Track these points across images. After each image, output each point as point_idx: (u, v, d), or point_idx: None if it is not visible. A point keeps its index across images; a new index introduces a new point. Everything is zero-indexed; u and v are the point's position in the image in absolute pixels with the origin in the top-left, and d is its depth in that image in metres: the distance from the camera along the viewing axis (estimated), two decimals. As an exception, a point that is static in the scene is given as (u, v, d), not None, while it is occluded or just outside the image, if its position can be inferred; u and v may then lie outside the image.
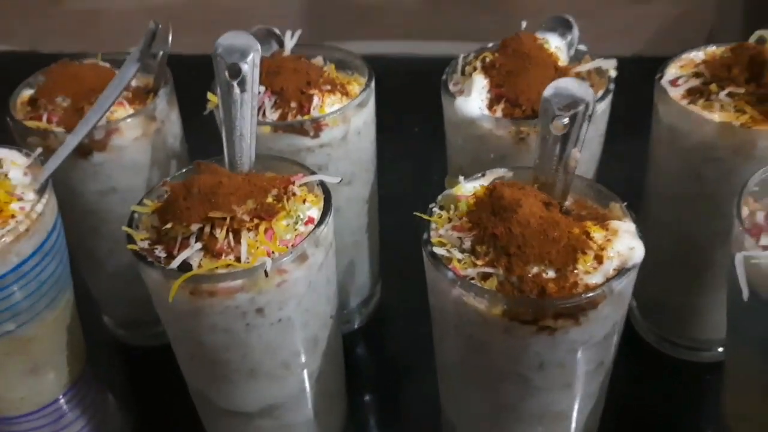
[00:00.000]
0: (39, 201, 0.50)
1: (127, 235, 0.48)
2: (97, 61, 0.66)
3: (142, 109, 0.61)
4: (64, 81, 0.61)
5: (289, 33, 0.65)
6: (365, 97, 0.61)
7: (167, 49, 0.62)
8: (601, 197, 0.50)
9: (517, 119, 0.57)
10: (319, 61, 0.65)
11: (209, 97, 0.59)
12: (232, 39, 0.53)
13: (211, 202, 0.46)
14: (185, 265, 0.46)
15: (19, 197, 0.50)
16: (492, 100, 0.59)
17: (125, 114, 0.61)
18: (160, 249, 0.47)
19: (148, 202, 0.50)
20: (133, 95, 0.63)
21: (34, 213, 0.49)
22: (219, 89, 0.52)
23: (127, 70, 0.54)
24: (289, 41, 0.64)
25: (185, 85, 0.65)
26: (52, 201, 0.52)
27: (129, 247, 0.48)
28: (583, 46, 0.63)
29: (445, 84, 0.61)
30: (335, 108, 0.59)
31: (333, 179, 0.52)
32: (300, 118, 0.58)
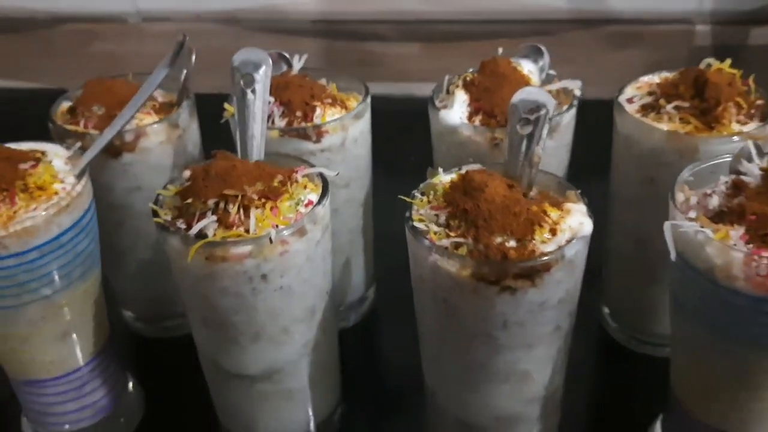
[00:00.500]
0: (78, 183, 0.58)
1: (152, 211, 0.56)
2: (128, 80, 0.75)
3: (167, 118, 0.70)
4: (99, 93, 0.70)
5: (297, 56, 0.74)
6: (361, 109, 0.70)
7: (190, 68, 0.72)
8: (561, 188, 0.58)
9: (492, 128, 0.65)
10: (322, 81, 0.74)
11: (226, 107, 0.68)
12: (247, 54, 0.62)
13: (225, 182, 0.55)
14: (202, 235, 0.54)
15: (61, 180, 0.59)
16: (471, 113, 0.67)
17: (152, 121, 0.70)
18: (180, 222, 0.55)
19: (171, 187, 0.59)
20: (160, 107, 0.72)
21: (74, 192, 0.57)
22: (235, 96, 0.61)
23: (155, 76, 0.63)
24: (297, 63, 0.74)
25: (205, 113, 0.75)
26: (89, 186, 0.60)
27: (154, 220, 0.56)
28: (553, 71, 0.72)
29: (431, 100, 0.70)
30: (335, 117, 0.68)
31: (330, 173, 0.60)
32: (304, 125, 0.67)
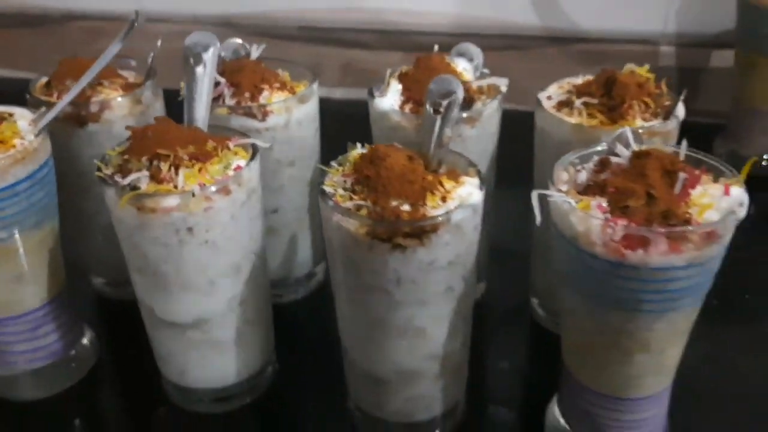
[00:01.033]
0: (36, 141, 0.66)
1: (97, 168, 0.63)
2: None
3: (130, 93, 0.77)
4: (71, 70, 0.77)
5: (255, 45, 0.81)
6: (306, 94, 0.76)
7: (156, 51, 0.79)
8: (465, 166, 0.64)
9: (419, 115, 0.71)
10: (279, 70, 0.81)
11: (181, 85, 0.75)
12: (198, 37, 0.69)
13: (160, 143, 0.61)
14: (135, 188, 0.61)
15: (22, 137, 0.66)
16: (403, 101, 0.73)
17: (117, 96, 0.77)
18: (118, 176, 0.62)
19: (117, 148, 0.65)
20: (126, 85, 0.80)
21: (30, 147, 0.65)
22: (185, 73, 0.69)
23: (109, 50, 0.69)
24: (255, 51, 0.81)
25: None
26: (46, 144, 0.68)
27: (96, 174, 0.63)
28: (486, 70, 0.78)
29: (370, 90, 0.76)
30: (280, 99, 0.75)
31: (263, 144, 0.67)
32: (250, 105, 0.74)
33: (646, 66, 0.74)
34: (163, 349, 0.71)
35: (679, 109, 0.69)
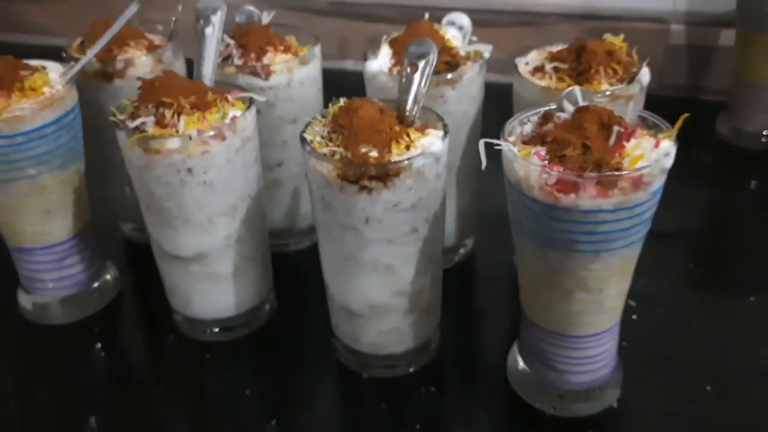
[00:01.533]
0: (62, 89, 0.75)
1: (112, 113, 0.72)
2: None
3: (152, 53, 0.86)
4: (102, 31, 0.87)
5: (266, 12, 0.89)
6: (307, 56, 0.84)
7: (177, 15, 0.88)
8: (435, 121, 0.71)
9: (404, 76, 0.78)
10: (290, 36, 0.89)
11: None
12: (207, 2, 0.77)
13: (166, 93, 0.70)
14: (142, 132, 0.69)
15: (52, 86, 0.75)
16: (392, 65, 0.80)
17: (140, 55, 0.86)
18: (129, 121, 0.71)
19: (132, 98, 0.74)
20: (150, 46, 0.89)
21: (58, 94, 0.74)
22: (195, 33, 0.77)
23: (127, 11, 0.78)
24: (266, 17, 0.89)
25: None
26: (73, 93, 0.77)
27: (110, 119, 0.71)
28: (475, 38, 0.85)
29: (365, 54, 0.83)
30: (283, 60, 0.83)
31: (260, 98, 0.75)
32: (255, 64, 0.82)
33: (621, 36, 0.79)
34: (170, 281, 0.80)
35: (644, 75, 0.75)
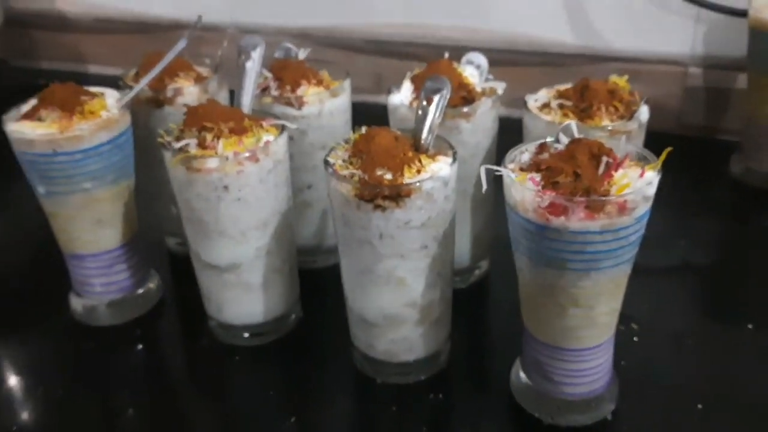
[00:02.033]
0: (117, 114, 0.84)
1: (160, 135, 0.81)
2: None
3: (200, 84, 0.96)
4: (155, 62, 0.96)
5: (303, 49, 0.98)
6: (338, 89, 0.93)
7: (224, 51, 0.98)
8: (446, 148, 0.78)
9: (424, 109, 0.86)
10: (323, 71, 0.98)
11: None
12: (250, 39, 0.87)
13: (208, 118, 0.79)
14: (185, 152, 0.78)
15: (108, 110, 0.85)
16: (413, 99, 0.88)
17: (188, 85, 0.96)
18: (175, 143, 0.79)
19: (178, 124, 0.83)
20: (198, 77, 0.98)
21: (113, 118, 0.83)
22: (237, 66, 0.86)
23: (177, 45, 0.87)
24: (302, 54, 0.98)
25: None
26: (126, 117, 0.86)
27: (158, 140, 0.80)
28: (491, 76, 0.92)
29: (389, 89, 0.91)
30: (315, 92, 0.92)
31: (291, 126, 0.83)
32: (290, 95, 0.91)
33: (625, 77, 0.86)
34: (206, 289, 0.88)
35: (642, 113, 0.81)
